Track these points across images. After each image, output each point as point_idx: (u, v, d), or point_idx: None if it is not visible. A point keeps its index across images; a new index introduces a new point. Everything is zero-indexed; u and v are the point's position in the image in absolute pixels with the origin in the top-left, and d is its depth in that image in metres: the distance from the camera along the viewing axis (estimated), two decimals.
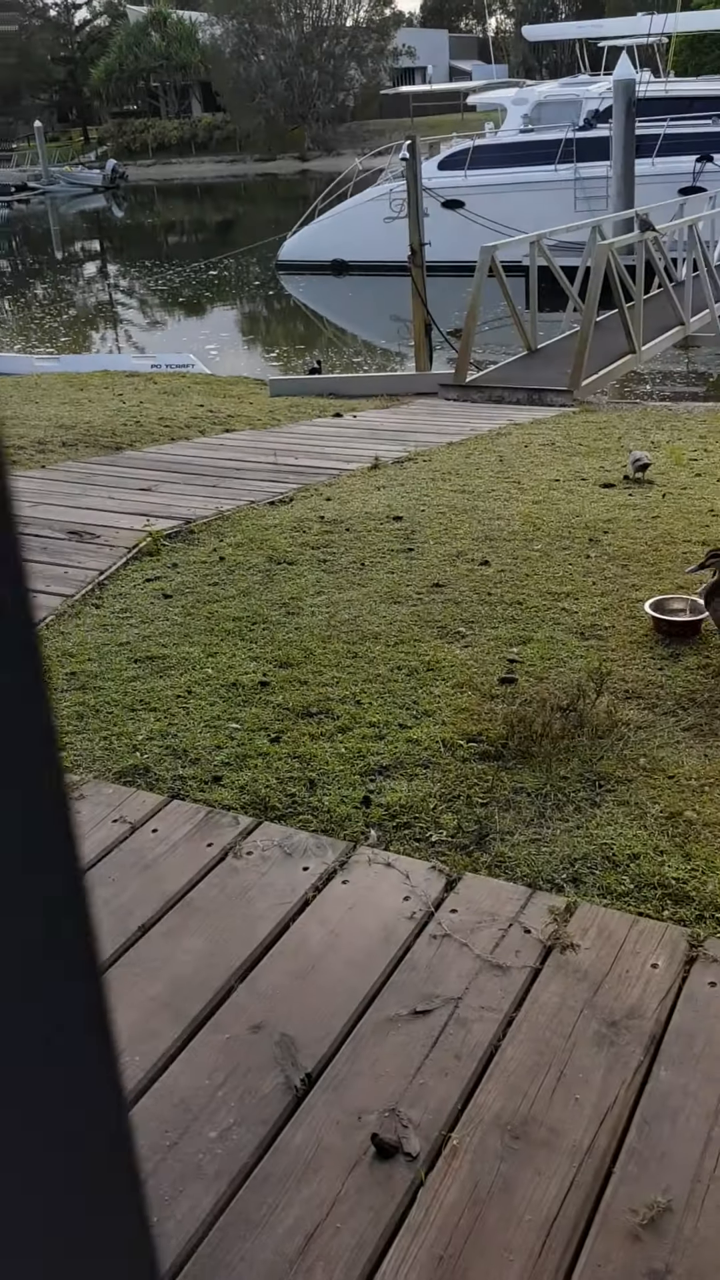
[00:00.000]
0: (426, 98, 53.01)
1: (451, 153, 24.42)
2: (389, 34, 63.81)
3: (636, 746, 3.30)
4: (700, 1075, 2.09)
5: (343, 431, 8.82)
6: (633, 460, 6.50)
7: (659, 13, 28.10)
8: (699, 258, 12.97)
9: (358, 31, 63.19)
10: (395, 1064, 2.17)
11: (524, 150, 23.38)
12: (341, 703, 3.65)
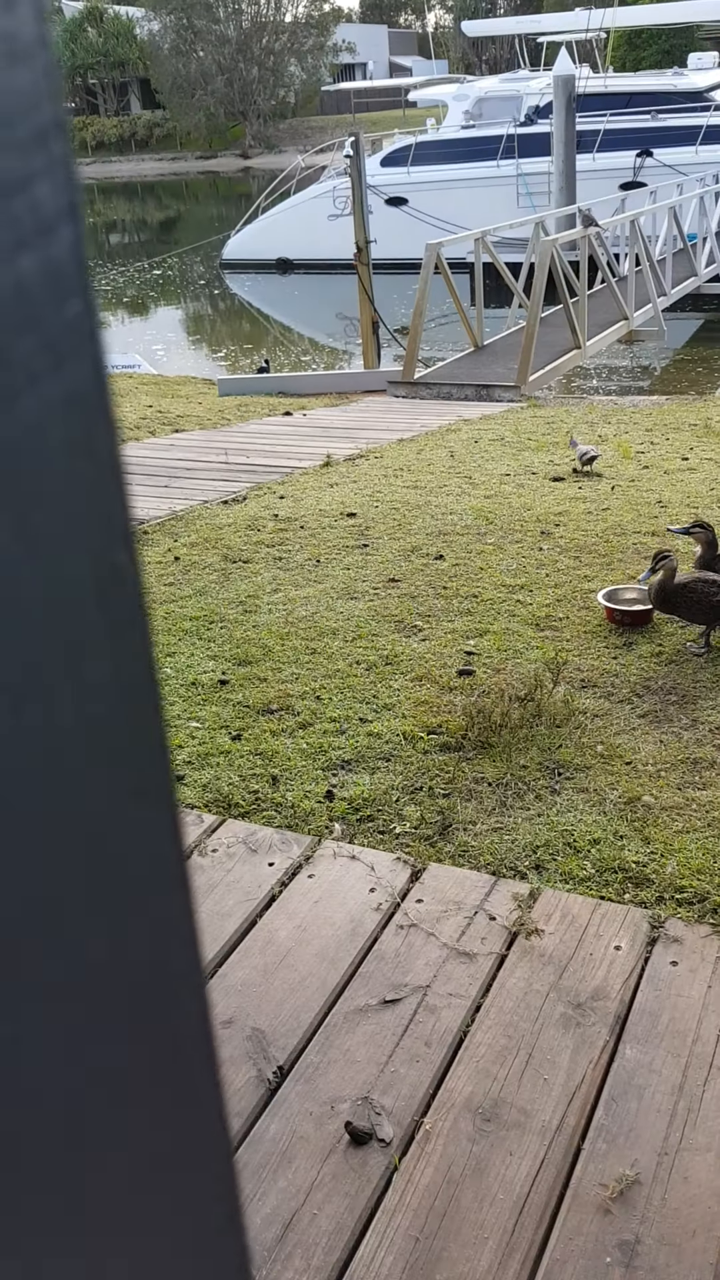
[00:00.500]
0: (368, 94, 53.09)
1: (394, 149, 24.48)
2: (328, 30, 63.75)
3: (594, 734, 3.36)
4: (664, 1052, 2.15)
5: (294, 430, 8.84)
6: (579, 453, 6.58)
7: (597, 8, 28.36)
8: (641, 253, 13.12)
9: (297, 27, 63.07)
10: (366, 1053, 2.20)
11: (466, 146, 23.50)
12: (301, 699, 3.67)
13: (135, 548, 0.36)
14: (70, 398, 0.33)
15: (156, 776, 0.40)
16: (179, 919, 0.42)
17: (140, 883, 0.39)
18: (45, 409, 0.32)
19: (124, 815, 0.38)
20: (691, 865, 2.68)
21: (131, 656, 0.37)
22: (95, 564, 0.35)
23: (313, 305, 22.58)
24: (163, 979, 0.41)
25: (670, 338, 14.91)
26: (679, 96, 22.70)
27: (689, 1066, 2.11)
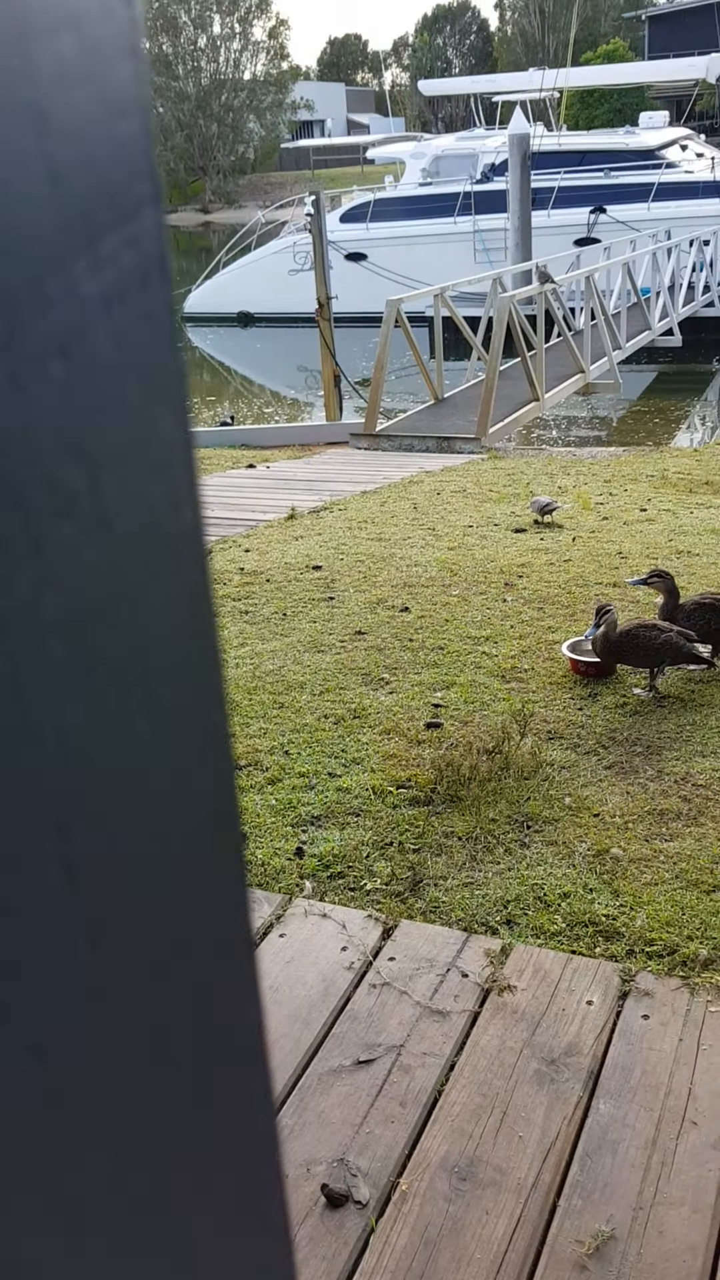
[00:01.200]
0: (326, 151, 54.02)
1: (353, 206, 24.88)
2: (287, 87, 64.95)
3: (561, 786, 3.39)
4: (638, 1106, 2.16)
5: (257, 482, 8.90)
6: (536, 506, 6.68)
7: (550, 69, 29.11)
8: (596, 307, 13.39)
9: (256, 85, 64.20)
10: (341, 1114, 2.20)
11: (424, 203, 23.93)
12: (270, 754, 3.68)
13: (225, 707, 0.41)
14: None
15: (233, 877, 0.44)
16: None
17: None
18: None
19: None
20: (661, 917, 2.71)
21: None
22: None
23: (274, 358, 22.80)
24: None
25: (626, 389, 15.18)
26: (631, 155, 23.28)
27: (662, 1120, 2.13)
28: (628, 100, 41.86)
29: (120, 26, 0.32)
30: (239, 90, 63.62)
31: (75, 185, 0.31)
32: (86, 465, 0.33)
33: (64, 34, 0.29)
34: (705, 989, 2.46)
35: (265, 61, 65.43)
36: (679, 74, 30.73)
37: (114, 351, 0.34)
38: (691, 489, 7.77)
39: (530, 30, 67.36)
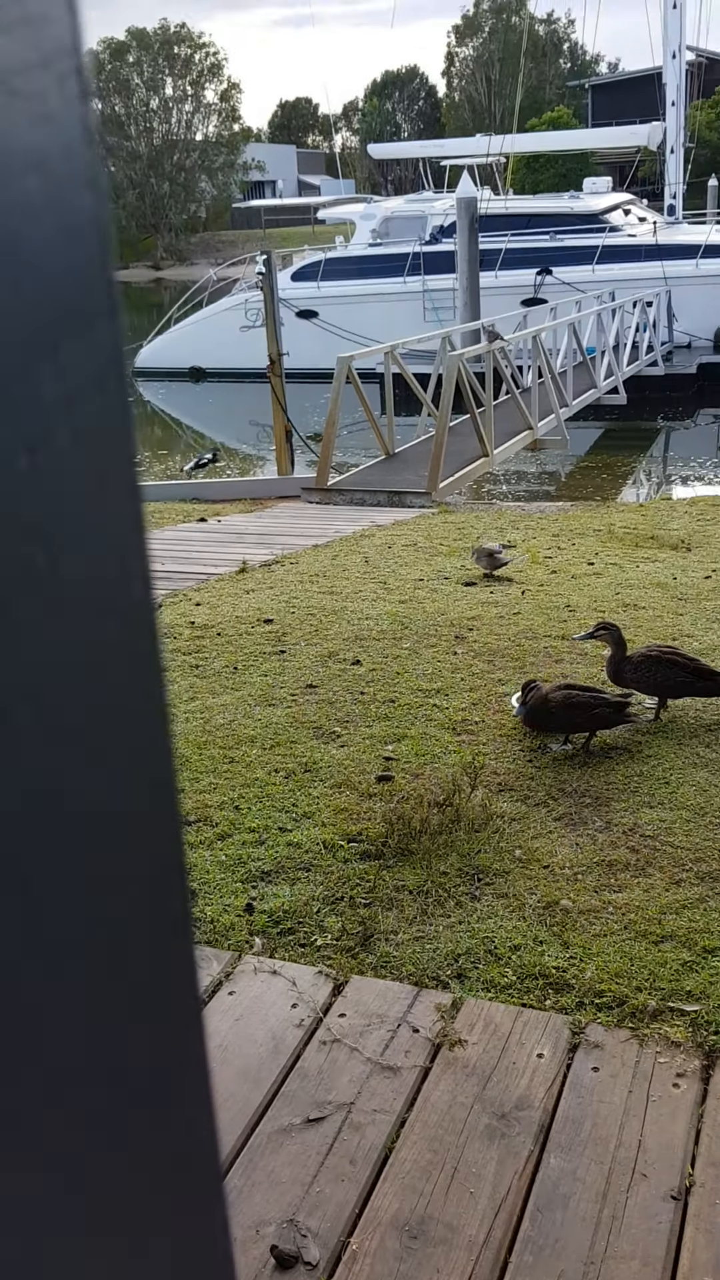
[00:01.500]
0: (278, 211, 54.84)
1: (304, 265, 25.27)
2: (238, 148, 66.04)
3: (512, 838, 3.41)
4: (588, 1159, 2.16)
5: (208, 536, 8.93)
6: (481, 556, 6.75)
7: (497, 134, 29.86)
8: (543, 365, 13.66)
9: (208, 145, 65.21)
10: (291, 1173, 2.17)
11: (374, 263, 24.36)
12: (220, 809, 3.67)
13: (173, 770, 0.43)
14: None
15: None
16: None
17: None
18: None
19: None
20: (610, 969, 2.72)
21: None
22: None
23: (226, 412, 22.95)
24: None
25: (573, 446, 15.45)
26: (576, 218, 23.89)
27: (612, 1173, 2.13)
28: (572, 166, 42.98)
29: (80, 164, 0.35)
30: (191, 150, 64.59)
31: (39, 301, 0.34)
32: (47, 546, 0.35)
33: (31, 175, 0.33)
34: (654, 1040, 2.47)
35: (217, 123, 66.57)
36: (622, 141, 31.66)
37: (73, 447, 0.36)
38: (637, 543, 7.90)
39: (477, 97, 69.20)
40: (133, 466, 0.41)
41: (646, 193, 30.98)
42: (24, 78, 0.32)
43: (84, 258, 0.37)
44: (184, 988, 0.48)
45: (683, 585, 6.37)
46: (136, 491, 0.41)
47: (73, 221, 0.36)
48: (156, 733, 0.44)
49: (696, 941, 2.81)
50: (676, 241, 22.68)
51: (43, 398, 0.35)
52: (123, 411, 0.39)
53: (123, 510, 0.40)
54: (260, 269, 12.93)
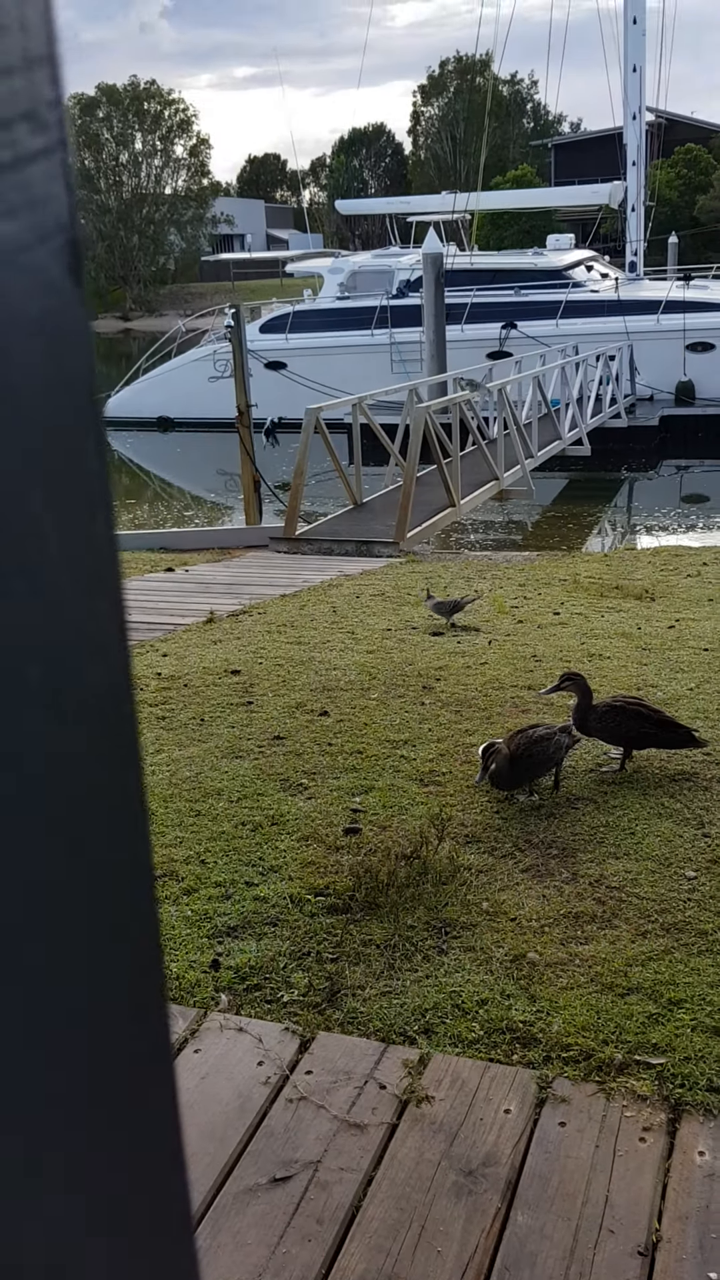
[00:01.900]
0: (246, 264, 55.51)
1: (272, 317, 25.58)
2: (207, 202, 66.93)
3: (479, 891, 3.41)
4: (555, 1216, 2.15)
5: (176, 586, 8.94)
6: (438, 610, 6.79)
7: (462, 191, 30.45)
8: (508, 417, 13.85)
9: (177, 199, 66.06)
10: (257, 1234, 2.15)
11: (341, 316, 24.70)
12: (186, 863, 3.65)
13: (149, 857, 0.46)
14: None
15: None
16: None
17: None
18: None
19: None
20: (576, 1022, 2.72)
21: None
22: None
23: (194, 462, 23.07)
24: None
25: (539, 496, 15.65)
26: (540, 274, 24.36)
27: (579, 1230, 2.12)
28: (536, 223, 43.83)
29: (75, 324, 0.39)
30: (160, 204, 65.40)
31: (38, 444, 0.38)
32: (40, 661, 0.38)
33: (36, 338, 0.36)
34: (620, 1094, 2.47)
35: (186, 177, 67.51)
36: (584, 199, 32.35)
37: (66, 569, 0.39)
38: (602, 593, 7.99)
39: (442, 155, 70.57)
40: (119, 585, 0.44)
41: (608, 249, 31.64)
42: (28, 255, 0.35)
43: (74, 405, 0.40)
44: (156, 1047, 0.50)
45: (647, 635, 6.44)
46: (121, 603, 0.44)
47: (67, 375, 0.39)
48: (136, 826, 0.46)
49: (662, 994, 2.82)
50: (638, 297, 23.16)
51: (42, 529, 0.38)
52: (108, 537, 0.43)
53: (108, 621, 0.42)
54: (229, 321, 13.08)
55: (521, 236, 42.37)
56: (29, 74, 0.34)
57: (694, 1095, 2.45)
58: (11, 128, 0.34)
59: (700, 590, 8.00)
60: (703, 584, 8.27)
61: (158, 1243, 0.51)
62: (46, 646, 0.39)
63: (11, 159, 0.34)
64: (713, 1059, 2.56)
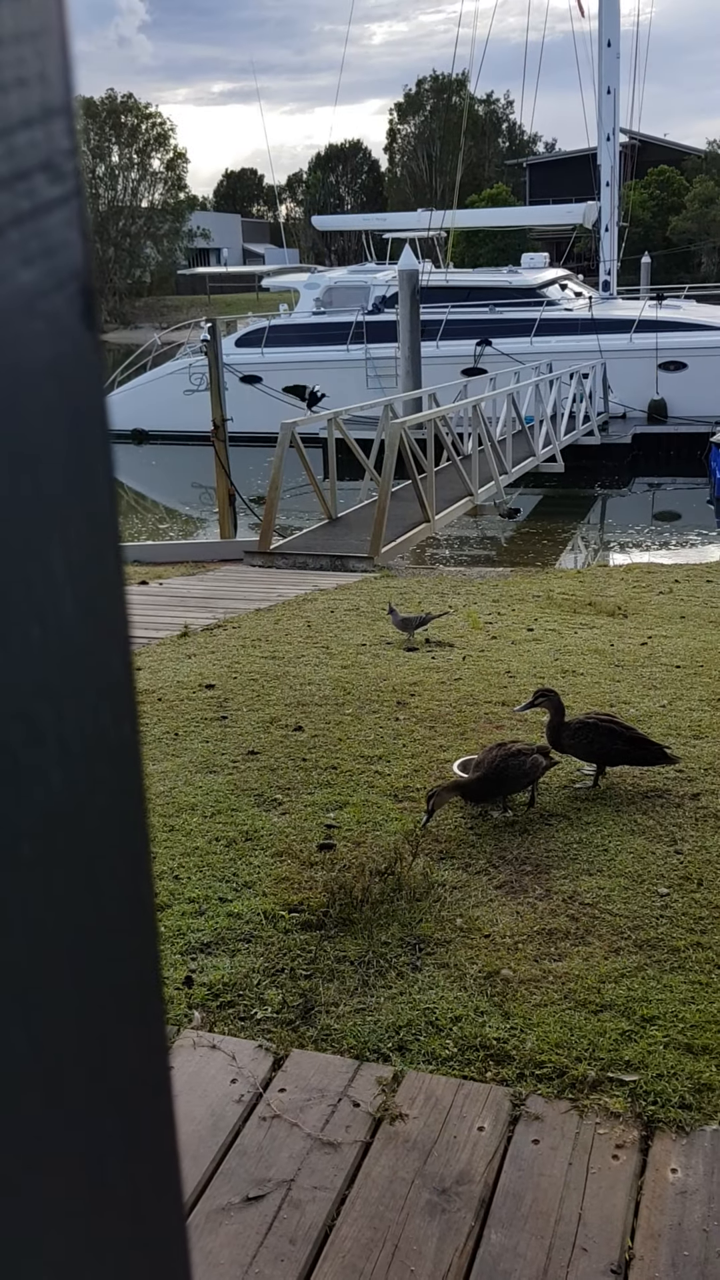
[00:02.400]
0: (222, 278, 55.59)
1: (248, 331, 25.62)
2: (184, 216, 66.97)
3: (453, 907, 3.42)
4: (528, 1234, 2.15)
5: (150, 599, 8.92)
6: (403, 625, 6.79)
7: (437, 209, 30.65)
8: (483, 434, 13.92)
9: (153, 212, 66.08)
10: (229, 1254, 2.14)
11: (317, 331, 24.78)
12: (159, 879, 3.63)
13: (152, 891, 0.47)
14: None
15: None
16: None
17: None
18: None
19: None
20: (550, 1039, 2.73)
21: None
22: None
23: (168, 475, 23.04)
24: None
25: None
26: (514, 292, 24.53)
27: (553, 1248, 2.12)
28: (510, 241, 44.13)
29: (88, 370, 0.40)
30: (137, 217, 65.41)
31: (57, 488, 0.39)
32: (52, 701, 0.39)
33: (50, 381, 0.37)
34: (594, 1111, 2.48)
35: (163, 191, 67.54)
36: (558, 219, 32.65)
37: (78, 615, 0.40)
38: (575, 609, 8.03)
39: (418, 172, 70.98)
40: (126, 626, 0.45)
41: (582, 268, 31.89)
42: (45, 301, 0.36)
43: (88, 448, 0.40)
44: (154, 1064, 0.51)
45: (619, 652, 6.48)
46: (128, 644, 0.45)
47: (81, 418, 0.40)
48: (139, 860, 0.48)
49: (635, 1010, 2.83)
50: (611, 316, 23.36)
51: (55, 576, 0.39)
52: (117, 578, 0.44)
53: (116, 660, 0.43)
54: (205, 334, 13.09)
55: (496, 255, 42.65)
56: (47, 125, 0.35)
57: (667, 1112, 2.46)
58: (31, 178, 0.34)
59: (672, 607, 8.06)
60: (675, 601, 8.33)
61: (155, 1244, 0.52)
62: (60, 689, 0.40)
63: (30, 208, 0.35)
64: (685, 1076, 2.57)
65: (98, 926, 0.44)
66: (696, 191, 53.59)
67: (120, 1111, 0.47)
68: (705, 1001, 2.87)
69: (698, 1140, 2.39)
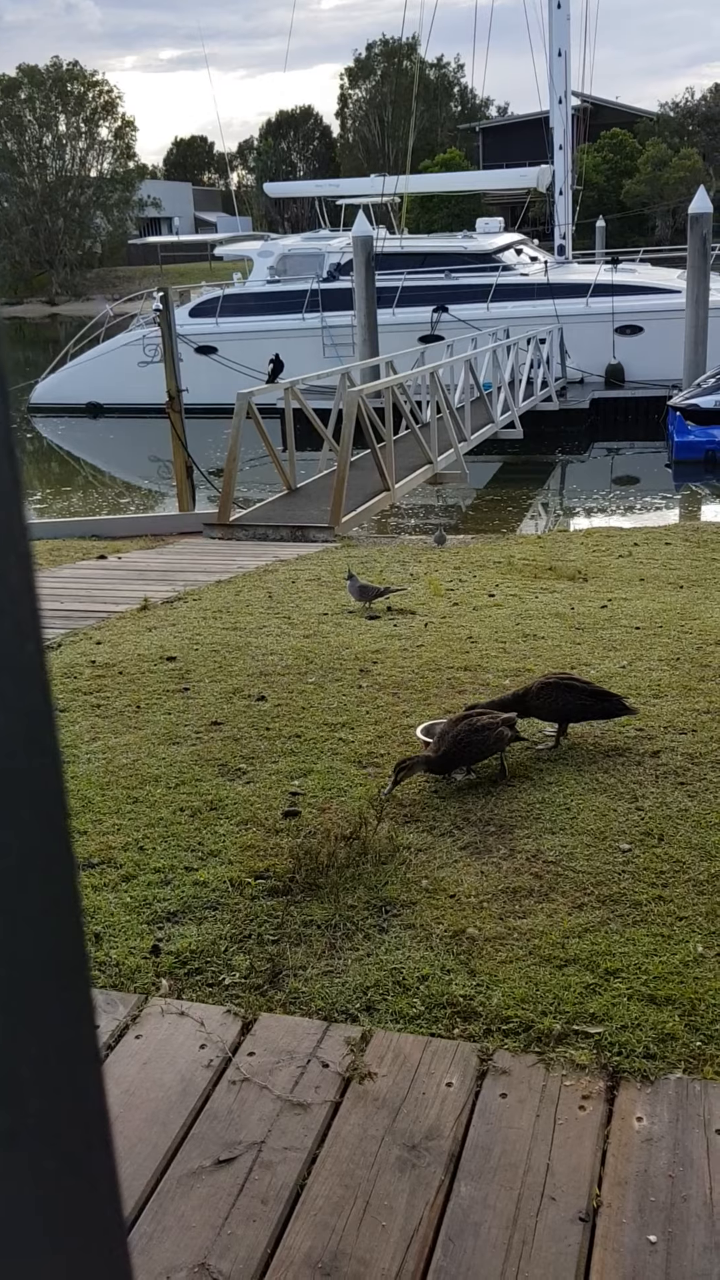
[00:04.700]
0: (174, 247, 54.91)
1: (202, 300, 25.36)
2: (133, 185, 65.99)
3: (418, 869, 3.44)
4: (498, 1185, 2.18)
5: (109, 573, 8.85)
6: (358, 592, 6.78)
7: (390, 175, 30.40)
8: (441, 401, 13.88)
9: (102, 182, 65.05)
10: (202, 1216, 2.15)
11: (272, 299, 24.56)
12: (124, 850, 3.63)
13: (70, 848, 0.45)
14: None
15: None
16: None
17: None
18: None
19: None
20: (516, 995, 2.75)
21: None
22: None
23: (125, 448, 22.83)
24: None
25: (473, 479, 15.72)
26: (470, 258, 24.42)
27: (522, 1198, 2.15)
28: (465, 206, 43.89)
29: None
30: (85, 187, 64.38)
31: None
32: None
33: None
34: (560, 1064, 2.51)
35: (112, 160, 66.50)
36: (512, 183, 32.49)
37: None
38: (536, 574, 8.06)
39: (370, 138, 70.34)
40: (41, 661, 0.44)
41: (537, 233, 31.81)
42: None
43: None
44: (80, 1040, 0.49)
45: (580, 615, 6.52)
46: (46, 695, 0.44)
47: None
48: (54, 828, 0.46)
49: (599, 964, 2.87)
50: (567, 280, 23.33)
51: None
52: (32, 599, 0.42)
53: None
54: (157, 304, 12.94)
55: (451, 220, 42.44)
56: None
57: (631, 1063, 2.50)
58: None
59: (631, 570, 8.11)
60: (634, 564, 8.38)
61: (88, 1246, 0.50)
62: None
63: None
64: (649, 1026, 2.61)
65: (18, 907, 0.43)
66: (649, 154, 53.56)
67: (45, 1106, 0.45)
68: (667, 954, 2.91)
69: (662, 1089, 2.42)
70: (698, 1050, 2.54)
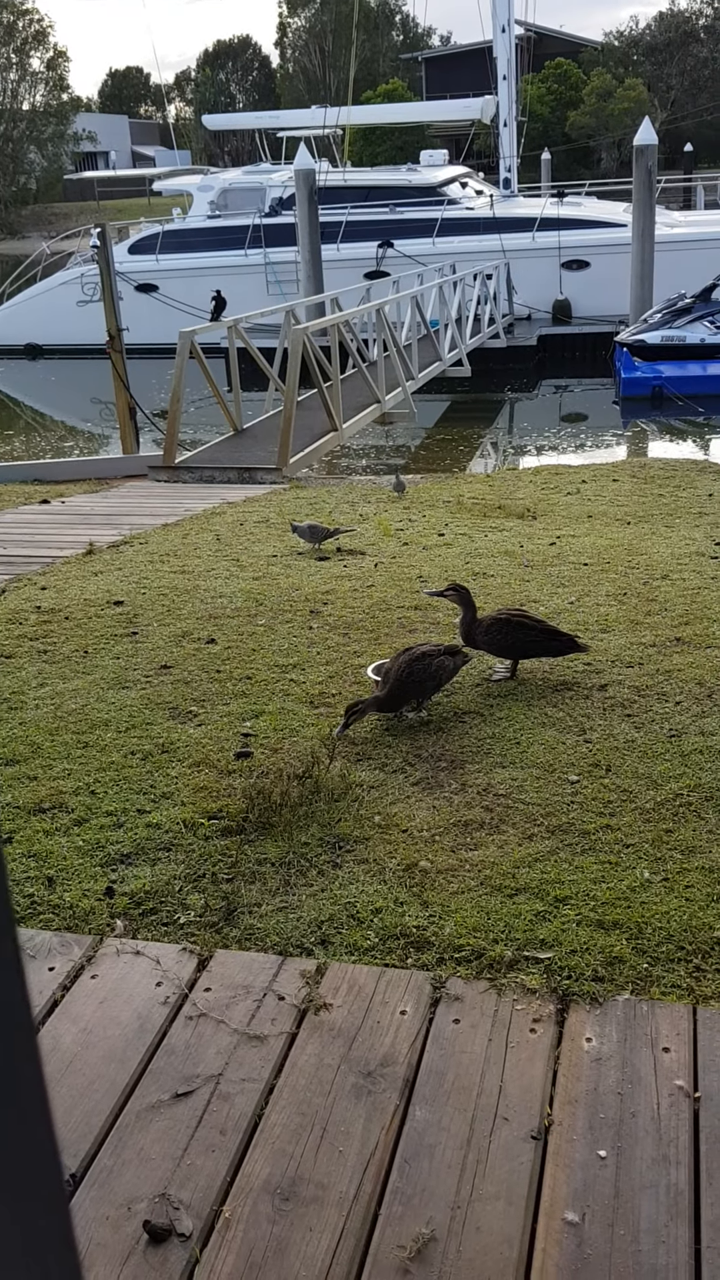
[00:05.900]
0: (111, 183, 53.56)
1: (141, 237, 24.81)
2: (68, 118, 64.04)
3: (370, 805, 3.47)
4: (451, 1108, 2.23)
5: (53, 518, 8.73)
6: (307, 533, 6.76)
7: (332, 106, 29.78)
8: (388, 339, 13.74)
9: (35, 115, 63.08)
10: (161, 1148, 2.18)
11: (213, 235, 24.09)
12: (75, 794, 3.62)
13: None
14: None
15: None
16: None
17: None
18: None
19: None
20: (468, 924, 2.80)
21: None
22: None
23: (67, 391, 22.41)
24: None
25: (422, 418, 15.63)
26: (414, 191, 24.07)
27: (475, 1120, 2.20)
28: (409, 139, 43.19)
29: None
30: (18, 121, 62.39)
31: None
32: None
33: None
34: (511, 989, 2.56)
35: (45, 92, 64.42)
36: (456, 114, 31.99)
37: None
38: (485, 513, 8.07)
39: (311, 68, 68.70)
40: None
41: (482, 166, 31.39)
42: None
43: None
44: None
45: (529, 552, 6.54)
46: None
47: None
48: None
49: (549, 892, 2.92)
50: (513, 215, 23.10)
51: None
52: None
53: None
54: (95, 241, 12.64)
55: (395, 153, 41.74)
56: None
57: (580, 985, 2.55)
58: None
59: (580, 507, 8.14)
60: (582, 501, 8.41)
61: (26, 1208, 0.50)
62: None
63: None
64: (597, 951, 2.67)
65: None
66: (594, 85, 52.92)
67: None
68: (615, 880, 2.97)
69: (610, 1010, 2.48)
70: (644, 972, 2.60)
